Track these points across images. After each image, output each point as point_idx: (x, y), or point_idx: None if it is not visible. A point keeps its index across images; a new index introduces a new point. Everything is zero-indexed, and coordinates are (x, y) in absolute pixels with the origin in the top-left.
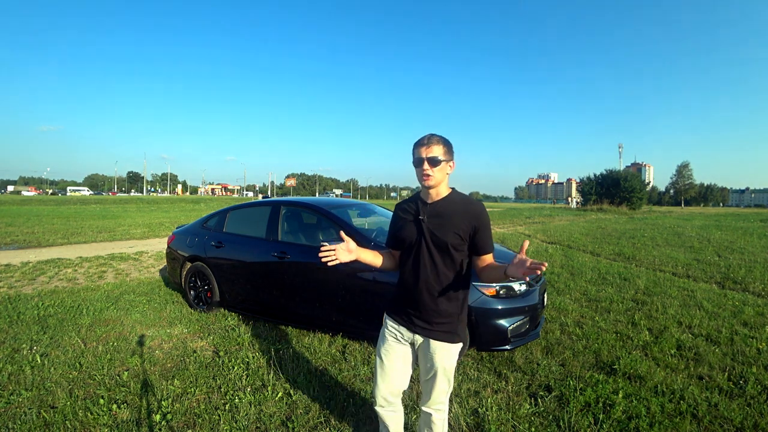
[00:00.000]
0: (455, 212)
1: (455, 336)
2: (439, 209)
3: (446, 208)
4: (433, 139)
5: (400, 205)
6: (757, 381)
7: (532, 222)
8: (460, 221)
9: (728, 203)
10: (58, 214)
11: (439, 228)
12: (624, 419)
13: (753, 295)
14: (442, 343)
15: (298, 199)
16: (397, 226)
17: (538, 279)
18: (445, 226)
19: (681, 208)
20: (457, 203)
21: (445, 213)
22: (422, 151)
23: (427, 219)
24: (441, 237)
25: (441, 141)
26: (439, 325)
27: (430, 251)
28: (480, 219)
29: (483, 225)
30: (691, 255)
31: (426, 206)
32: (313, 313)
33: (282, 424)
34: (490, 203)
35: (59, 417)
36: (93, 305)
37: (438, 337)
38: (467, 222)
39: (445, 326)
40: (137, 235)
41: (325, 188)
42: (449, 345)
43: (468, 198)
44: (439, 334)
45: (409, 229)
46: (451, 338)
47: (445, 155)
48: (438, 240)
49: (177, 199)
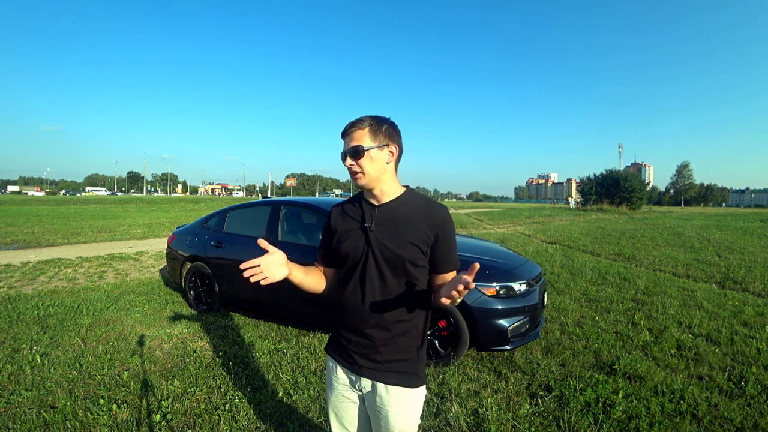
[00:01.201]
0: (412, 217)
1: (415, 377)
2: (391, 214)
3: (400, 212)
4: (354, 125)
5: (339, 207)
6: (757, 381)
7: (532, 222)
8: (418, 229)
9: (728, 203)
10: (58, 214)
11: (391, 238)
12: (624, 419)
13: (753, 295)
14: (397, 388)
15: (298, 199)
16: (333, 235)
17: (538, 279)
18: (400, 235)
19: (681, 208)
20: (414, 206)
21: (399, 218)
22: (344, 143)
23: (376, 227)
24: (394, 250)
25: (365, 123)
26: (392, 364)
27: (379, 269)
28: (443, 226)
29: (446, 234)
30: (691, 255)
31: (373, 210)
32: (313, 313)
33: (282, 424)
34: (490, 203)
35: (59, 417)
36: (93, 305)
37: (391, 380)
38: (428, 230)
39: (400, 365)
40: (137, 235)
41: (325, 188)
42: (408, 391)
43: (428, 200)
44: (393, 375)
45: (351, 240)
46: (410, 381)
47: (374, 139)
48: (390, 254)
49: (177, 199)
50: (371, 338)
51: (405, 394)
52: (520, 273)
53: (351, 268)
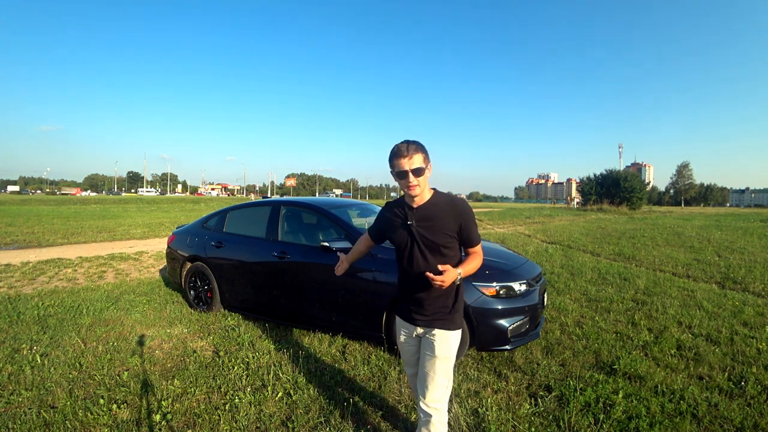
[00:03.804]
0: (442, 214)
1: (452, 324)
2: (426, 213)
3: (433, 211)
4: (411, 148)
5: (390, 206)
6: (757, 381)
7: (532, 222)
8: (447, 222)
9: (728, 203)
10: (58, 214)
11: (428, 230)
12: (624, 419)
13: (753, 295)
14: (440, 330)
15: (298, 199)
16: (385, 226)
17: (538, 279)
18: (434, 228)
19: (681, 208)
20: (443, 205)
21: (433, 216)
22: (403, 163)
23: (416, 223)
24: (432, 239)
25: (419, 149)
26: (436, 314)
27: (422, 252)
28: (465, 216)
29: (468, 221)
30: (691, 255)
31: (413, 211)
32: (313, 313)
33: (282, 424)
34: (490, 203)
35: (59, 417)
36: (93, 305)
37: (436, 325)
38: (454, 221)
39: (441, 315)
40: (137, 235)
41: (325, 188)
42: (447, 333)
43: (451, 197)
44: (437, 322)
45: (399, 234)
46: (448, 325)
47: (425, 161)
48: (429, 242)
49: (177, 199)
50: (421, 300)
51: (446, 335)
52: (520, 273)
53: (401, 252)
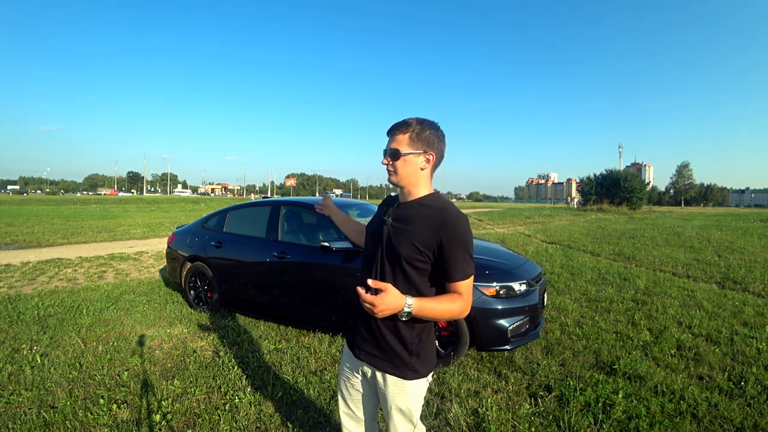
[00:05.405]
0: (420, 219)
1: (406, 371)
2: (405, 212)
3: (413, 212)
4: (397, 126)
5: (387, 198)
6: (757, 381)
7: (532, 222)
8: (422, 231)
9: (728, 203)
10: (58, 214)
11: (398, 234)
12: (624, 419)
13: (753, 295)
14: (391, 377)
15: (298, 199)
16: (374, 217)
17: (538, 279)
18: (405, 233)
19: (681, 208)
20: (427, 208)
21: (410, 218)
22: (388, 140)
23: (391, 221)
24: (395, 246)
25: (409, 128)
26: (387, 353)
27: (382, 262)
28: (450, 231)
29: (452, 241)
30: (691, 255)
31: (395, 206)
32: (313, 313)
33: (282, 424)
34: (490, 203)
35: (59, 417)
36: (93, 305)
37: (383, 368)
38: (433, 233)
39: (393, 356)
40: (137, 235)
41: (325, 188)
42: (404, 382)
43: (444, 204)
44: (385, 364)
45: (373, 228)
46: (401, 373)
47: (411, 146)
48: (392, 249)
49: (176, 199)
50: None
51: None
52: (520, 273)
53: (365, 251)
